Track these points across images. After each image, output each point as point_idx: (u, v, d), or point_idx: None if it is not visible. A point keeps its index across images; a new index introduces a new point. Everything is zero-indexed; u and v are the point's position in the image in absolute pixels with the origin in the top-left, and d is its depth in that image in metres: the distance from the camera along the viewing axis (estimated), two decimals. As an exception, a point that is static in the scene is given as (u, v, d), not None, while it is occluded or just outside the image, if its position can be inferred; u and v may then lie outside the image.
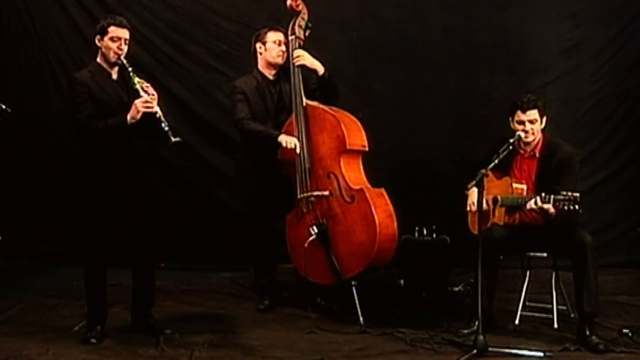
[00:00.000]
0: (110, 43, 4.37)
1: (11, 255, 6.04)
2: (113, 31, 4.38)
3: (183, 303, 5.32)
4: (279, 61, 5.11)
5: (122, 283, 4.96)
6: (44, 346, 4.32)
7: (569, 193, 4.22)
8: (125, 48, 4.40)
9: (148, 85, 4.40)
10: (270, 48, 5.10)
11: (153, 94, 4.36)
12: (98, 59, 4.46)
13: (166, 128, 4.30)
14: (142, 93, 4.33)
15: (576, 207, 4.21)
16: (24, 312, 5.04)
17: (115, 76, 4.45)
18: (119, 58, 4.37)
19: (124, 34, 4.41)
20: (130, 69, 4.37)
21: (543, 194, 4.34)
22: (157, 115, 4.32)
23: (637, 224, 6.09)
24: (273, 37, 5.10)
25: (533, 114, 4.59)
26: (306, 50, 5.06)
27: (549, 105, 4.87)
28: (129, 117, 4.30)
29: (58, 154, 6.21)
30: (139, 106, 4.29)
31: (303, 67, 5.02)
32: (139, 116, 4.30)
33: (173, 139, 4.27)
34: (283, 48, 5.09)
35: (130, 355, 4.22)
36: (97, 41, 4.43)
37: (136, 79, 4.37)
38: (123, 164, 4.39)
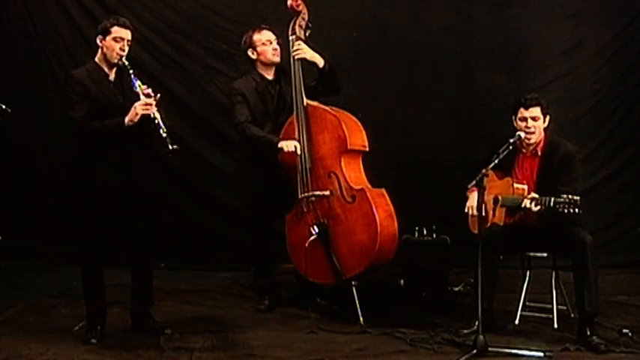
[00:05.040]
0: (113, 44, 4.34)
1: (11, 255, 6.04)
2: (116, 31, 4.35)
3: (183, 303, 5.32)
4: (276, 59, 5.10)
5: (122, 283, 4.95)
6: (44, 346, 4.32)
7: (570, 197, 4.23)
8: (127, 49, 4.38)
9: (149, 89, 4.36)
10: (263, 51, 5.08)
11: (153, 98, 4.31)
12: (97, 59, 4.43)
13: (164, 135, 4.27)
14: (141, 96, 4.30)
15: (577, 210, 4.22)
16: (24, 312, 5.04)
17: (112, 77, 4.43)
18: (121, 58, 4.35)
19: (127, 34, 4.39)
20: (131, 72, 4.35)
21: (536, 196, 4.36)
22: (156, 121, 4.29)
23: (637, 224, 6.09)
24: (261, 39, 5.07)
25: (536, 111, 4.61)
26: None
27: (549, 105, 4.86)
28: (127, 119, 4.28)
29: (58, 154, 6.19)
30: (138, 108, 4.27)
31: (303, 60, 5.00)
32: (136, 119, 4.28)
33: (170, 147, 4.24)
34: (275, 45, 5.07)
35: (130, 355, 4.23)
36: (98, 41, 4.40)
37: (137, 83, 4.33)
38: (112, 165, 4.36)
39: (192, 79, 6.24)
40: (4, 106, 5.01)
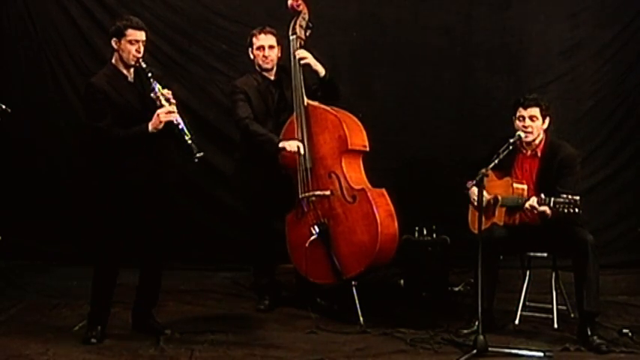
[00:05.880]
0: (129, 46, 4.30)
1: (11, 255, 6.03)
2: (131, 34, 4.30)
3: (183, 303, 5.32)
4: (266, 66, 5.11)
5: (122, 283, 4.94)
6: (44, 346, 4.32)
7: (570, 196, 4.23)
8: (142, 50, 4.34)
9: (169, 91, 4.34)
10: (256, 55, 5.11)
11: (174, 103, 4.29)
12: (113, 61, 4.39)
13: (189, 142, 4.24)
14: (163, 102, 4.27)
15: (576, 210, 4.22)
16: (24, 312, 5.03)
17: (131, 78, 4.40)
18: (138, 60, 4.31)
19: (142, 36, 4.34)
20: (149, 74, 4.31)
21: (543, 196, 4.36)
22: (180, 127, 4.26)
23: (637, 224, 6.08)
24: (257, 43, 5.08)
25: (534, 111, 4.62)
26: (307, 50, 5.06)
27: (550, 106, 4.86)
28: (150, 127, 4.25)
29: (58, 154, 6.23)
30: (161, 116, 4.24)
31: (307, 66, 5.01)
32: (161, 126, 4.25)
33: (197, 155, 4.21)
34: (267, 53, 5.07)
35: (130, 355, 4.23)
36: (113, 43, 4.34)
37: (157, 87, 4.30)
38: (140, 167, 4.35)
39: (192, 79, 6.23)
40: (4, 106, 5.00)
